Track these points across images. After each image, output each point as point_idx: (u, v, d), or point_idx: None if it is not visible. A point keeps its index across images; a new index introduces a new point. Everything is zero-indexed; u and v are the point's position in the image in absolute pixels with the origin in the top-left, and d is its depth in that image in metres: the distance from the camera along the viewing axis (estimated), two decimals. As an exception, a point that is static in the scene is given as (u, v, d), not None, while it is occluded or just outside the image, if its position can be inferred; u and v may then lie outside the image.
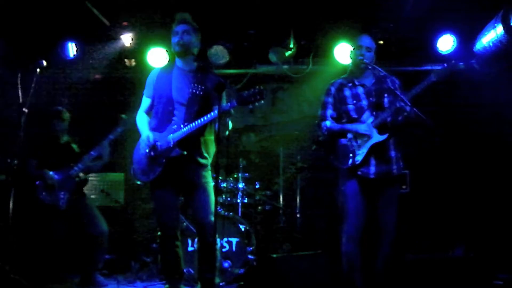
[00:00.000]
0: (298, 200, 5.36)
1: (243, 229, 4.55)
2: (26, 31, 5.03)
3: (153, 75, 3.67)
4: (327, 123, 3.70)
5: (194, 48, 3.58)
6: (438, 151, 5.63)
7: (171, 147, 3.40)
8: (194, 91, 3.47)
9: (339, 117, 3.73)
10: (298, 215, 5.31)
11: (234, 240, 4.50)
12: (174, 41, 3.53)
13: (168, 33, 3.63)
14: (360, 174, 3.54)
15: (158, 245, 4.54)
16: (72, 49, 5.26)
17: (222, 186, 4.87)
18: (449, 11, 4.81)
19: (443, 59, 5.03)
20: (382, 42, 5.10)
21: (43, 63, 3.81)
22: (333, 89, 3.76)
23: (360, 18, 4.94)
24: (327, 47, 5.39)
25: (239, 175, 5.05)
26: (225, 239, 4.46)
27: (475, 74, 4.83)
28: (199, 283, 3.54)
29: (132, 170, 3.59)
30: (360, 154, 3.52)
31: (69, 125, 4.73)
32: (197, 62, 3.58)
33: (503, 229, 4.99)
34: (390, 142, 3.58)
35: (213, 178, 3.55)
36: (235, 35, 5.40)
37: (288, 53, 5.35)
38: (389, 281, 3.58)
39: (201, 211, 3.44)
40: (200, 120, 3.35)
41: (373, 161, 3.53)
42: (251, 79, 5.73)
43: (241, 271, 4.39)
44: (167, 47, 5.21)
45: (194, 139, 3.44)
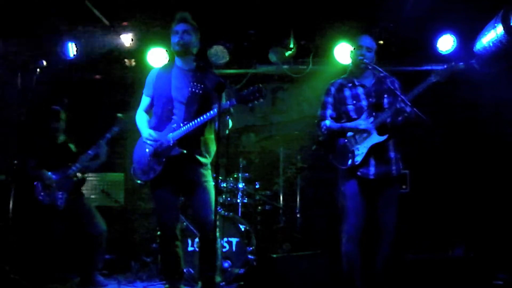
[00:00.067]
0: (298, 200, 5.36)
1: (243, 229, 4.55)
2: (26, 31, 5.03)
3: (153, 74, 3.68)
4: (327, 123, 3.70)
5: (193, 47, 3.60)
6: (438, 151, 5.63)
7: (171, 146, 3.41)
8: (193, 90, 3.47)
9: (338, 117, 3.73)
10: (298, 215, 5.31)
11: (234, 240, 4.50)
12: (174, 40, 3.54)
13: (168, 33, 3.63)
14: (359, 174, 3.54)
15: (158, 245, 4.56)
16: (72, 49, 5.26)
17: (222, 186, 4.86)
18: (449, 11, 4.80)
19: (443, 59, 5.04)
20: (382, 42, 5.10)
21: (43, 63, 3.81)
22: (333, 89, 3.76)
23: (360, 18, 4.93)
24: (327, 47, 5.38)
25: (239, 175, 5.04)
26: (225, 239, 4.46)
27: (475, 74, 4.82)
28: (200, 282, 3.54)
29: (132, 169, 3.60)
30: (359, 154, 3.52)
31: (68, 125, 4.73)
32: (197, 61, 3.59)
33: (503, 229, 4.99)
34: (389, 143, 3.59)
35: (213, 178, 3.55)
36: (235, 35, 5.39)
37: (288, 53, 5.35)
38: (389, 281, 3.58)
39: (202, 210, 3.44)
40: (199, 118, 3.36)
41: (372, 161, 3.53)
42: (251, 79, 5.73)
43: (241, 271, 4.38)
44: (167, 47, 5.21)
45: (194, 138, 3.44)
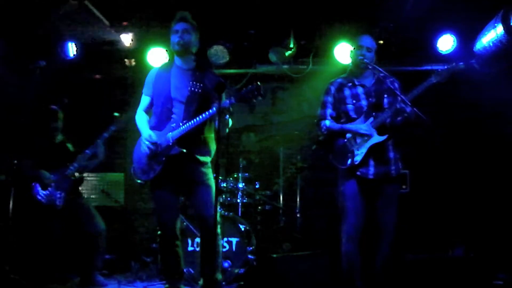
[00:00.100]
0: (298, 200, 5.36)
1: (243, 229, 4.55)
2: (26, 31, 5.03)
3: (152, 74, 3.68)
4: (327, 123, 3.70)
5: (193, 47, 3.60)
6: (438, 151, 5.63)
7: (171, 145, 3.41)
8: (193, 89, 3.47)
9: (338, 117, 3.73)
10: (298, 215, 5.30)
11: (234, 240, 4.50)
12: (174, 40, 3.53)
13: (168, 33, 3.63)
14: (359, 174, 3.54)
15: (158, 245, 4.54)
16: (72, 49, 5.26)
17: (222, 186, 4.86)
18: (449, 11, 4.81)
19: (443, 59, 5.04)
20: (382, 42, 5.10)
21: (43, 63, 3.81)
22: (333, 89, 3.76)
23: (360, 18, 4.94)
24: (327, 47, 5.38)
25: (239, 175, 5.04)
26: (225, 239, 4.45)
27: (475, 74, 4.82)
28: (201, 280, 3.53)
29: (132, 169, 3.60)
30: (359, 154, 3.52)
31: (69, 125, 4.73)
32: (197, 61, 3.59)
33: (503, 229, 4.99)
34: (388, 143, 3.59)
35: (213, 177, 3.55)
36: (235, 35, 5.39)
37: (288, 53, 5.34)
38: (389, 281, 3.58)
39: (203, 207, 3.44)
40: (198, 117, 3.36)
41: (371, 162, 3.53)
42: (251, 79, 5.73)
43: (241, 271, 4.38)
44: (167, 47, 5.21)
45: (193, 137, 3.44)
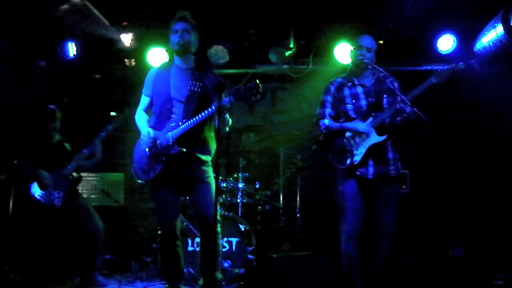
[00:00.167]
0: (298, 200, 5.36)
1: (243, 229, 4.54)
2: (26, 31, 5.03)
3: (152, 73, 3.68)
4: (326, 122, 3.70)
5: (193, 46, 3.60)
6: (438, 151, 5.63)
7: (170, 144, 3.41)
8: (192, 89, 3.48)
9: (337, 116, 3.73)
10: (298, 215, 5.30)
11: (234, 240, 4.50)
12: (174, 40, 3.53)
13: (168, 33, 3.62)
14: (358, 174, 3.54)
15: (158, 245, 4.54)
16: (72, 49, 5.26)
17: (222, 186, 4.86)
18: (449, 11, 4.81)
19: (443, 59, 5.04)
20: (382, 42, 5.10)
21: (43, 63, 3.81)
22: (333, 88, 3.75)
23: (360, 18, 4.94)
24: (327, 47, 5.38)
25: (239, 175, 5.04)
26: (225, 239, 4.45)
27: (475, 74, 4.82)
28: (201, 279, 3.52)
29: (132, 169, 3.60)
30: (358, 154, 3.52)
31: (68, 125, 4.73)
32: (196, 61, 3.60)
33: (503, 229, 4.99)
34: (388, 143, 3.58)
35: (213, 177, 3.55)
36: (235, 35, 5.40)
37: (288, 53, 5.35)
38: (388, 281, 3.58)
39: (203, 205, 3.44)
40: (197, 116, 3.36)
41: (371, 162, 3.53)
42: (251, 79, 5.73)
43: (241, 271, 4.38)
44: (167, 47, 5.21)
45: (193, 136, 3.44)
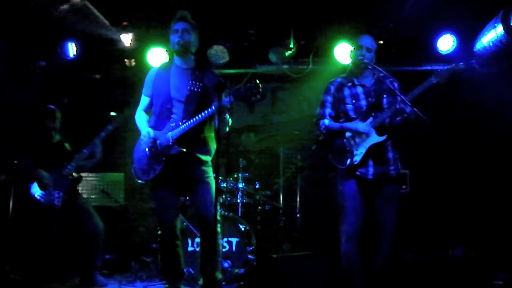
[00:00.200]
0: (298, 200, 5.36)
1: (243, 229, 4.54)
2: (26, 31, 5.03)
3: (152, 73, 3.68)
4: (325, 122, 3.70)
5: (193, 46, 3.60)
6: (438, 151, 5.63)
7: (170, 144, 3.41)
8: (192, 89, 3.48)
9: (337, 117, 3.73)
10: (298, 215, 5.31)
11: (234, 240, 4.50)
12: (174, 40, 3.53)
13: (168, 33, 3.62)
14: (358, 174, 3.54)
15: (158, 245, 4.54)
16: (72, 49, 5.26)
17: (222, 186, 4.86)
18: (449, 11, 4.81)
19: (443, 59, 5.03)
20: (382, 42, 5.10)
21: (43, 63, 3.81)
22: (333, 88, 3.75)
23: (360, 18, 4.94)
24: (327, 47, 5.38)
25: (239, 175, 5.04)
26: (225, 239, 4.45)
27: (475, 74, 4.82)
28: (201, 279, 3.52)
29: (132, 169, 3.60)
30: (358, 154, 3.52)
31: (68, 125, 4.73)
32: (196, 61, 3.60)
33: (503, 229, 4.99)
34: (387, 143, 3.58)
35: (213, 177, 3.54)
36: (235, 35, 5.39)
37: (288, 53, 5.34)
38: (388, 281, 3.58)
39: (203, 205, 3.45)
40: (197, 116, 3.36)
41: (371, 162, 3.54)
42: (251, 79, 5.73)
43: (241, 271, 4.38)
44: (167, 47, 5.21)
45: (193, 136, 3.44)
